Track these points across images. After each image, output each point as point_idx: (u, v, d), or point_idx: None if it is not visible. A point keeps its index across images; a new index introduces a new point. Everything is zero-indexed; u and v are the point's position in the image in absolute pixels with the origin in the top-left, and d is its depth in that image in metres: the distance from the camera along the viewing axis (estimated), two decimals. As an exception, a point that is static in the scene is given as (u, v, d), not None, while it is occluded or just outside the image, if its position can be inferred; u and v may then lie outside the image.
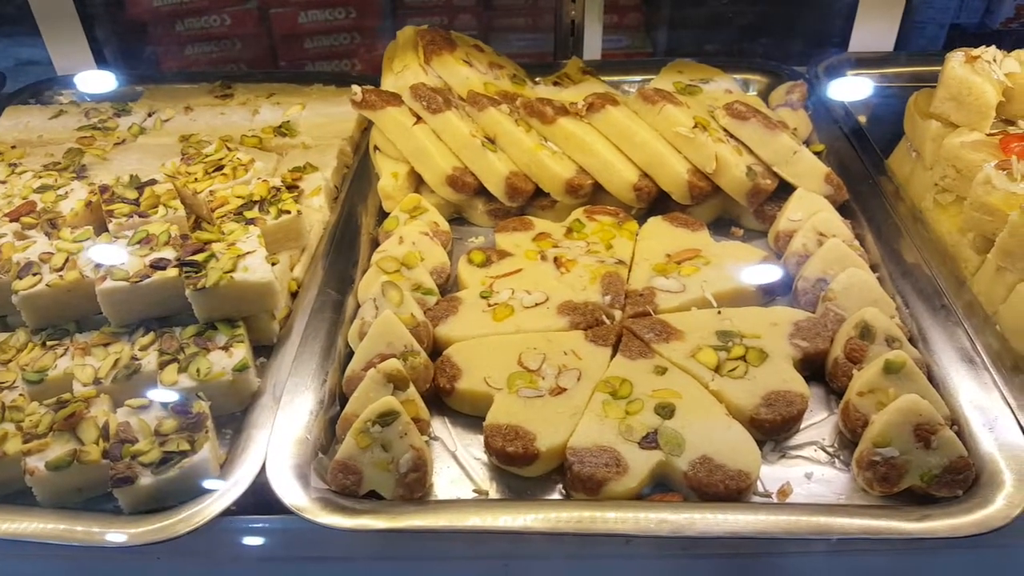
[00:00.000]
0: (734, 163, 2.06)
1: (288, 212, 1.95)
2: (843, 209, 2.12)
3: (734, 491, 1.46)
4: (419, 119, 2.18)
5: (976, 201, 1.88)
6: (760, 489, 1.54)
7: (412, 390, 1.61)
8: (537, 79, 2.57)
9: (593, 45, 3.00)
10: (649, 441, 1.54)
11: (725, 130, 2.15)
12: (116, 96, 2.75)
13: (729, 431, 1.56)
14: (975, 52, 2.03)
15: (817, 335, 1.74)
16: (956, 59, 2.04)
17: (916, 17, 4.33)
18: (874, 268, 1.94)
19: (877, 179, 2.19)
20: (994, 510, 1.39)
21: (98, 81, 2.79)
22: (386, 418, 1.51)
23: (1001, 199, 1.83)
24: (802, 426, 1.66)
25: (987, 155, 1.94)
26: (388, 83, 2.37)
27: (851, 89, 2.62)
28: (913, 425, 1.48)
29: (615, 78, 2.72)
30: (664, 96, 2.14)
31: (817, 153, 2.32)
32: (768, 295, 1.94)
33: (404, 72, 2.37)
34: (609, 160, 2.10)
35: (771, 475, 1.56)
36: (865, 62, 2.77)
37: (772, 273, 1.92)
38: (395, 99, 2.21)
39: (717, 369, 1.68)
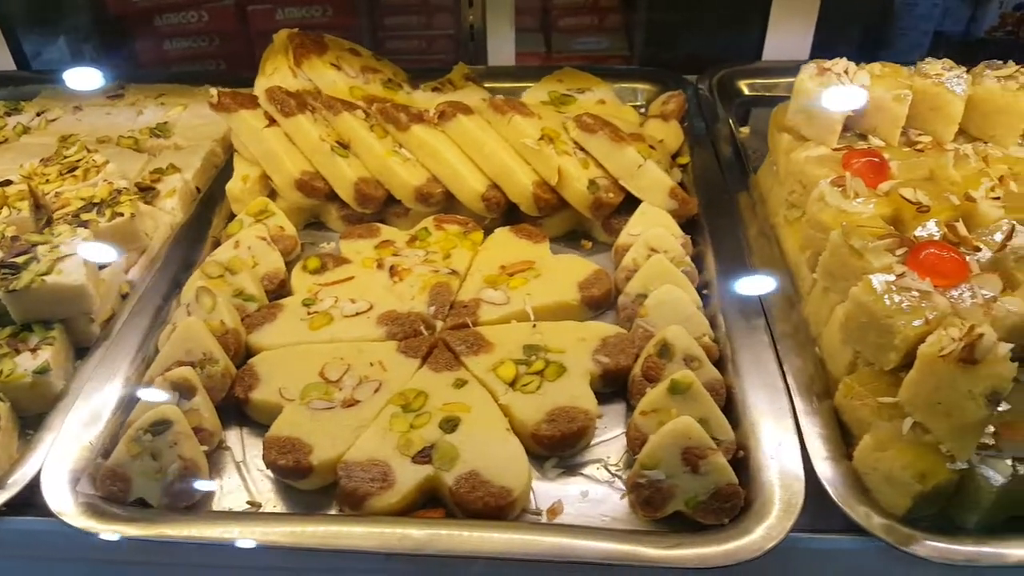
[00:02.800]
0: (576, 176, 2.03)
1: (122, 215, 1.95)
2: (693, 224, 2.08)
3: (494, 508, 1.44)
4: (273, 122, 2.17)
5: (811, 218, 1.85)
6: (533, 507, 1.51)
7: (199, 399, 1.60)
8: (422, 85, 2.55)
9: (503, 50, 2.97)
10: (423, 456, 1.52)
11: (576, 142, 2.11)
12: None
13: (504, 447, 1.54)
14: (826, 64, 1.99)
15: (621, 352, 1.72)
16: (807, 71, 2.00)
17: (898, 23, 4.28)
18: (706, 286, 1.91)
19: (736, 194, 2.16)
20: (747, 541, 1.36)
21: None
22: (158, 427, 1.51)
23: (832, 216, 1.79)
24: (593, 443, 1.64)
25: (829, 171, 1.90)
26: (259, 86, 2.36)
27: (736, 100, 2.57)
28: (682, 448, 1.46)
29: (509, 85, 2.69)
30: (513, 106, 2.12)
31: (682, 165, 2.29)
32: (596, 309, 1.91)
33: (274, 75, 2.36)
34: (458, 169, 2.08)
35: (550, 492, 1.55)
36: (761, 72, 2.72)
37: (598, 287, 1.89)
38: (251, 102, 2.21)
39: (513, 383, 1.65)
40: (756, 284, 1.86)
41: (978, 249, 1.65)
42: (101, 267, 1.92)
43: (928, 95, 1.96)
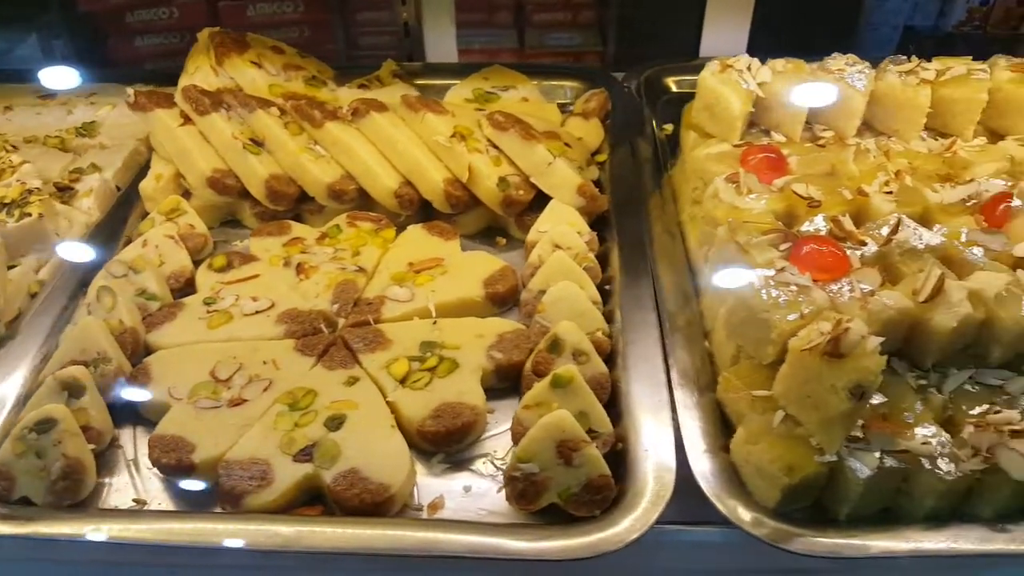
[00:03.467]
0: (486, 173, 2.04)
1: (30, 215, 1.96)
2: (604, 221, 2.10)
3: (370, 504, 1.46)
4: (188, 121, 2.18)
5: (707, 214, 1.86)
6: (415, 502, 1.53)
7: (89, 398, 1.61)
8: (348, 83, 2.56)
9: (443, 46, 2.98)
10: (304, 454, 1.54)
11: (489, 140, 2.13)
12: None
13: (387, 443, 1.55)
14: (729, 60, 2.00)
15: (516, 347, 1.73)
16: (710, 68, 2.01)
17: (869, 19, 4.29)
18: (609, 282, 1.92)
19: (650, 192, 2.16)
20: (611, 533, 1.38)
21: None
22: (43, 426, 1.52)
23: (724, 212, 1.80)
24: (485, 437, 1.65)
25: (728, 167, 1.92)
26: (181, 84, 2.37)
27: (664, 97, 2.58)
28: (557, 441, 1.47)
29: (446, 81, 2.69)
30: (426, 104, 2.13)
31: (600, 163, 2.30)
32: (502, 305, 1.93)
33: (196, 74, 2.37)
34: (370, 166, 2.09)
35: (434, 487, 1.56)
36: (690, 69, 2.72)
37: (503, 284, 1.90)
38: (168, 101, 2.21)
39: (404, 380, 1.67)
40: (655, 280, 1.87)
41: (864, 244, 1.67)
42: (10, 267, 1.93)
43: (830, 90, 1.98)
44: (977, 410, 1.52)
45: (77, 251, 2.04)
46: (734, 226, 1.71)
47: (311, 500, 1.54)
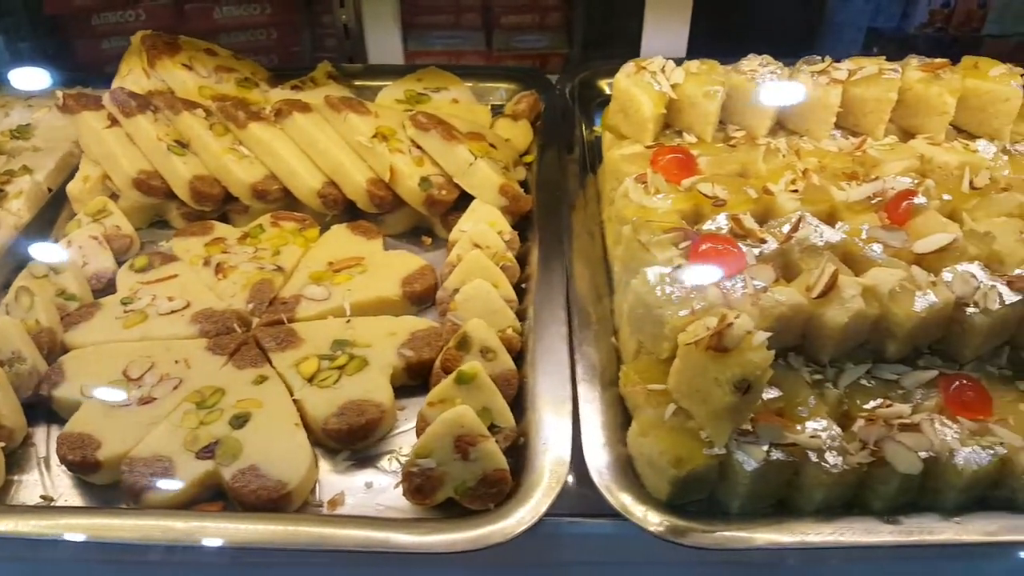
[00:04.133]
0: (408, 173, 2.07)
1: (-49, 216, 1.97)
2: (527, 221, 2.12)
3: (267, 500, 1.47)
4: (115, 123, 2.19)
5: (617, 213, 1.89)
6: (316, 499, 1.55)
7: (1, 397, 1.63)
8: (283, 85, 2.57)
9: (385, 47, 2.99)
10: (207, 451, 1.55)
11: (413, 140, 2.15)
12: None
13: (289, 441, 1.57)
14: (643, 62, 2.03)
15: (427, 345, 1.75)
16: (624, 70, 2.04)
17: (834, 19, 4.34)
18: (526, 280, 1.95)
19: (574, 192, 2.19)
20: (499, 526, 1.40)
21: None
22: (-58, 424, 1.53)
23: (634, 212, 1.83)
24: (393, 434, 1.68)
25: (640, 168, 1.95)
26: (113, 87, 2.38)
27: (597, 99, 2.60)
28: (455, 437, 1.50)
29: (383, 83, 2.70)
30: (348, 105, 2.15)
31: (528, 164, 2.33)
32: (421, 304, 1.95)
33: (128, 77, 2.38)
34: (293, 166, 2.11)
35: (337, 484, 1.58)
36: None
37: (421, 283, 1.92)
38: (95, 103, 2.22)
39: (312, 379, 1.68)
40: (569, 279, 1.89)
41: (764, 241, 1.70)
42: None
43: (742, 91, 2.01)
44: (871, 404, 1.55)
45: (3, 253, 2.05)
46: (637, 225, 1.74)
47: (215, 497, 1.56)
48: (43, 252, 2.02)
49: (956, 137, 2.08)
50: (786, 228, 1.72)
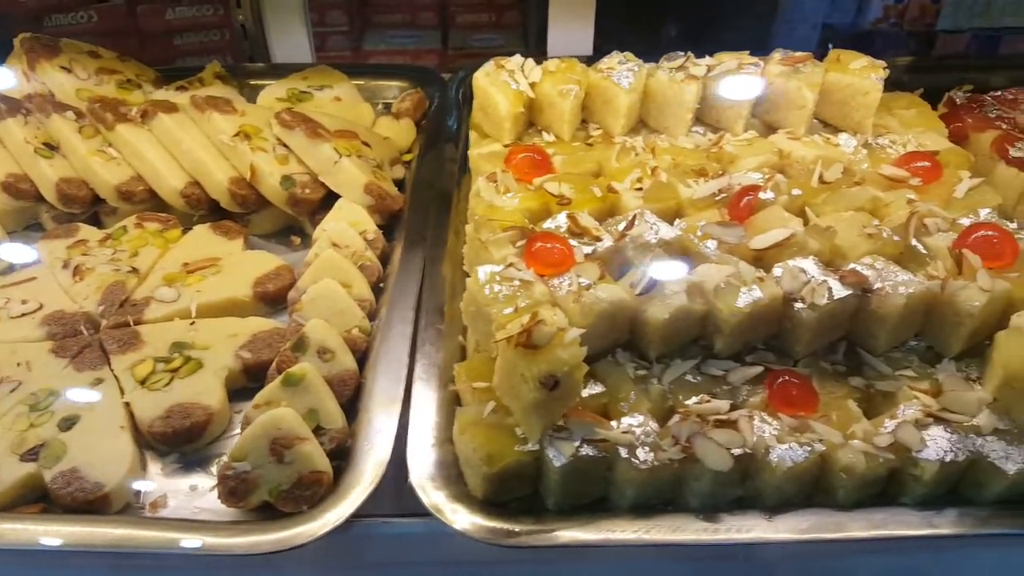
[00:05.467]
0: (269, 171, 2.06)
1: None
2: (398, 219, 2.12)
3: (84, 502, 1.47)
4: (-11, 127, 2.18)
5: (471, 212, 1.89)
6: (139, 501, 1.54)
7: None
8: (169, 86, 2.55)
9: (293, 46, 2.98)
10: (32, 454, 1.54)
11: (280, 139, 2.14)
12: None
13: (112, 443, 1.56)
14: (503, 60, 2.03)
15: (268, 346, 1.75)
16: (484, 69, 2.04)
17: (787, 16, 4.34)
18: (386, 280, 1.94)
19: (450, 191, 2.18)
20: (304, 528, 1.40)
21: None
22: None
23: (484, 211, 1.83)
24: (227, 436, 1.67)
25: (497, 166, 1.94)
26: (-7, 91, 2.36)
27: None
28: (271, 439, 1.49)
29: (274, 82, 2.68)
30: (212, 104, 2.14)
31: (407, 162, 2.32)
32: (275, 304, 1.94)
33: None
34: (156, 167, 2.10)
35: (163, 486, 1.58)
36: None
37: (274, 283, 1.92)
38: (-36, 107, 2.21)
39: (144, 381, 1.67)
40: (426, 278, 1.89)
41: (599, 239, 1.70)
42: None
43: (599, 89, 2.02)
44: (693, 400, 1.55)
45: None
46: (478, 223, 1.75)
47: (41, 500, 1.55)
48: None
49: (821, 131, 2.08)
50: (622, 226, 1.72)
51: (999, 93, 2.44)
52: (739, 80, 2.00)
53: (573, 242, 1.68)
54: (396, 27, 3.58)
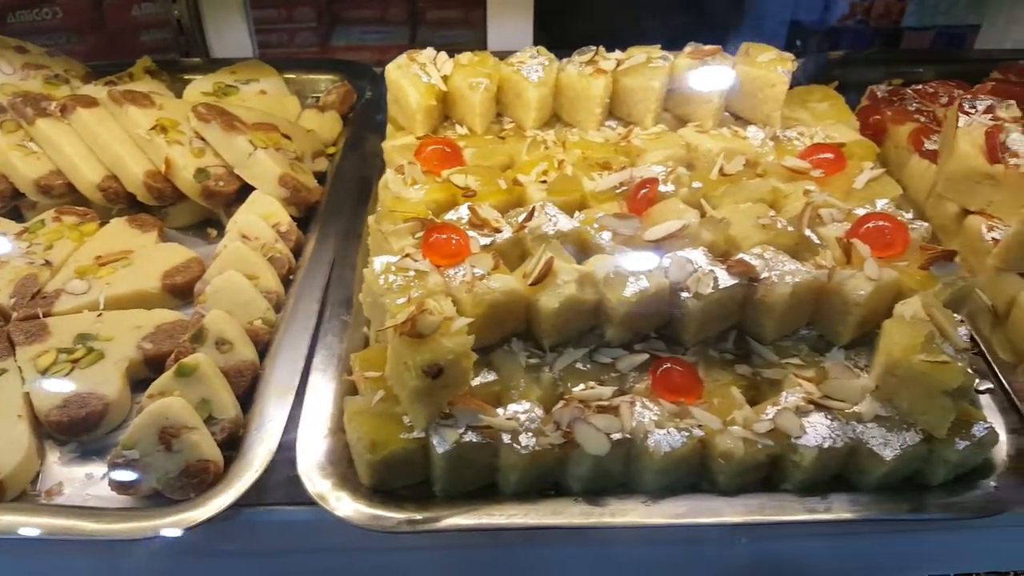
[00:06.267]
0: (183, 164, 2.07)
1: None
2: (315, 212, 2.13)
3: (-29, 490, 1.48)
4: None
5: (381, 203, 1.90)
6: (36, 489, 1.55)
7: None
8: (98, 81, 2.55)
9: (234, 42, 2.98)
10: (-76, 445, 1.55)
11: (197, 132, 2.15)
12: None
13: (9, 432, 1.57)
14: (414, 53, 2.04)
15: (170, 338, 1.76)
16: (396, 62, 2.05)
17: (756, 12, 4.36)
18: (296, 272, 1.96)
19: (368, 183, 2.19)
20: (185, 516, 1.42)
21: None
22: None
23: (392, 202, 1.84)
24: (127, 425, 1.67)
25: (409, 158, 1.95)
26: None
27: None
28: (160, 428, 1.50)
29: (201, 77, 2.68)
30: (129, 98, 2.15)
31: (331, 155, 2.34)
32: (185, 297, 1.95)
33: (-64, 74, 2.36)
34: (74, 161, 2.11)
35: (60, 475, 1.59)
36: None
37: (183, 275, 1.93)
38: None
39: (46, 371, 1.68)
40: (333, 268, 1.91)
41: (499, 231, 1.72)
42: None
43: (510, 83, 2.03)
44: (581, 387, 1.57)
45: None
46: (380, 215, 1.76)
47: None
48: None
49: (731, 124, 2.10)
50: (521, 218, 1.73)
51: (920, 86, 2.47)
52: (648, 74, 2.02)
53: (473, 233, 1.69)
54: (365, 23, 3.57)
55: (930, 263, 1.61)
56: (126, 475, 1.49)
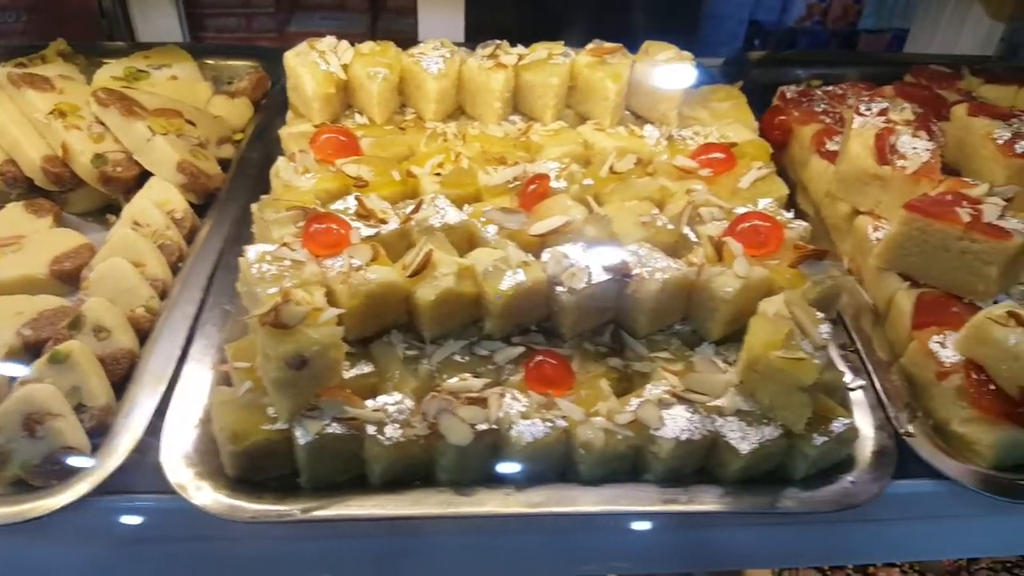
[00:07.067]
0: (80, 150, 2.05)
1: None
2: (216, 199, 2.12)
3: None
4: None
5: (273, 191, 1.90)
6: None
7: None
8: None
9: (163, 26, 2.95)
10: None
11: (98, 117, 2.13)
12: None
13: None
14: (315, 41, 2.04)
15: (50, 324, 1.74)
16: (296, 49, 2.05)
17: (714, 11, 4.38)
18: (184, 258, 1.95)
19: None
20: (40, 504, 1.41)
21: None
22: None
23: (281, 190, 1.84)
24: (0, 414, 1.66)
25: (305, 146, 1.95)
26: None
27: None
28: (24, 415, 1.49)
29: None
30: (28, 81, 2.12)
31: (238, 142, 2.32)
32: (74, 283, 1.93)
33: None
34: (-30, 144, 2.08)
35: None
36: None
37: (71, 261, 1.91)
38: None
39: (-86, 360, 1.66)
40: (223, 256, 1.90)
41: (385, 222, 1.72)
42: None
43: (411, 74, 2.04)
44: (455, 379, 1.58)
45: None
46: (263, 203, 1.76)
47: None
48: None
49: (631, 122, 2.12)
50: (409, 210, 1.74)
51: (831, 88, 2.51)
52: (547, 70, 2.03)
53: (358, 224, 1.70)
54: (325, 9, 3.54)
55: (799, 261, 1.64)
56: (-12, 461, 1.48)
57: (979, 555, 2.65)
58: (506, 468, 1.52)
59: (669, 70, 2.05)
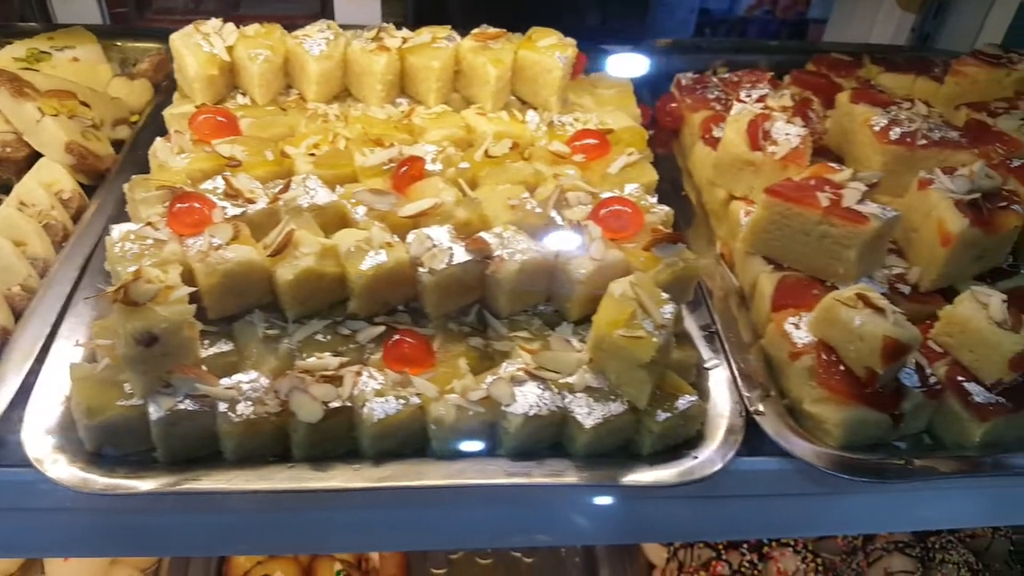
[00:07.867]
0: (-35, 130, 2.05)
1: None
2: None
3: None
4: None
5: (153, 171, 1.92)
6: None
7: None
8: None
9: (79, 8, 2.94)
10: None
11: (-10, 97, 2.13)
12: None
13: None
14: (200, 23, 2.05)
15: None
16: (182, 31, 2.06)
17: (665, 1, 4.40)
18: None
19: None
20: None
21: None
22: None
23: (156, 170, 1.87)
24: None
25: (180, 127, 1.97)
26: None
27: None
28: None
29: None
30: (-79, 63, 2.12)
31: (134, 123, 2.33)
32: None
33: None
34: None
35: None
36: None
37: None
38: None
39: None
40: (106, 235, 1.91)
41: (252, 201, 1.75)
42: None
43: (294, 55, 2.06)
44: (314, 358, 1.62)
45: None
46: (133, 183, 1.78)
47: None
48: None
49: (516, 108, 2.16)
50: (277, 189, 1.77)
51: (727, 75, 2.56)
52: (430, 54, 2.06)
53: (225, 204, 1.72)
54: None
55: (652, 245, 1.69)
56: None
57: (823, 533, 2.66)
58: (364, 445, 1.56)
59: (549, 57, 2.08)
